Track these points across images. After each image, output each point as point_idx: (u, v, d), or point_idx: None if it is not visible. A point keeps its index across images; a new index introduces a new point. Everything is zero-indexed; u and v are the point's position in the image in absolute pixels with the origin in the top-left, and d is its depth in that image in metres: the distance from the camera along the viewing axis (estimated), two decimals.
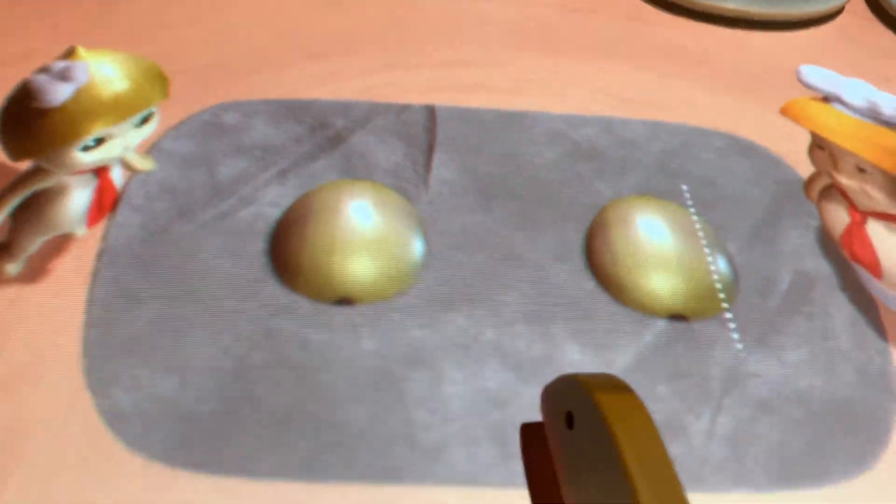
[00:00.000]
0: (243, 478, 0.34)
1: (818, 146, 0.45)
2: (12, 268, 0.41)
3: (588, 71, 0.60)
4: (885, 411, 0.39)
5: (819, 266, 0.47)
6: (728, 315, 0.43)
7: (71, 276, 0.41)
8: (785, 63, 0.61)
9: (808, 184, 0.50)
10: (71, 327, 0.39)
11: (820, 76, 0.44)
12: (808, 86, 0.44)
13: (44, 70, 0.38)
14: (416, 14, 0.64)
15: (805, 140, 0.48)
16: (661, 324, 0.42)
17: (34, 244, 0.42)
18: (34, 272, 0.41)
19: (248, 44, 0.59)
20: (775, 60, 0.64)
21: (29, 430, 0.35)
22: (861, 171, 0.42)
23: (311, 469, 0.34)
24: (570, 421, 0.22)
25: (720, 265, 0.45)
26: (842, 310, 0.44)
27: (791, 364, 0.41)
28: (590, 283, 0.43)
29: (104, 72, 0.39)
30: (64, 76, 0.37)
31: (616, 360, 0.40)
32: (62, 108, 0.37)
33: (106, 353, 0.38)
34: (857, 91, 0.43)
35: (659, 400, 0.38)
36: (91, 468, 0.34)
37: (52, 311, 0.39)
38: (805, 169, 0.50)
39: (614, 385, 0.22)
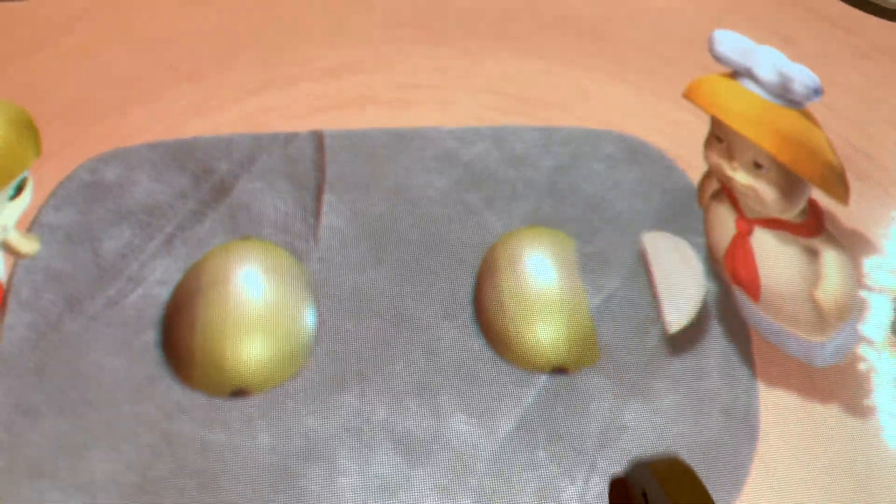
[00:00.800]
0: None
1: (717, 137, 0.46)
2: None
3: (474, 64, 0.57)
4: (744, 453, 0.43)
5: None
6: (606, 362, 0.46)
7: None
8: (677, 30, 0.60)
9: (701, 191, 0.50)
10: None
11: (732, 43, 0.43)
12: (719, 58, 0.43)
13: None
14: (289, 7, 0.60)
15: (699, 133, 0.48)
16: (544, 379, 0.44)
17: None
18: None
19: (109, 69, 0.55)
20: (669, 27, 0.62)
21: None
22: (757, 166, 0.43)
23: None
24: (645, 498, 0.25)
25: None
26: (715, 345, 0.46)
27: (662, 411, 0.44)
28: (476, 342, 0.45)
29: None
30: None
31: (500, 427, 0.43)
32: None
33: (15, 478, 0.40)
34: (771, 59, 0.42)
35: (538, 467, 0.42)
36: None
37: None
38: (696, 173, 0.51)
39: (676, 468, 0.26)
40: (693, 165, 0.53)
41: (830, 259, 0.45)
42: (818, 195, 0.45)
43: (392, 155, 0.52)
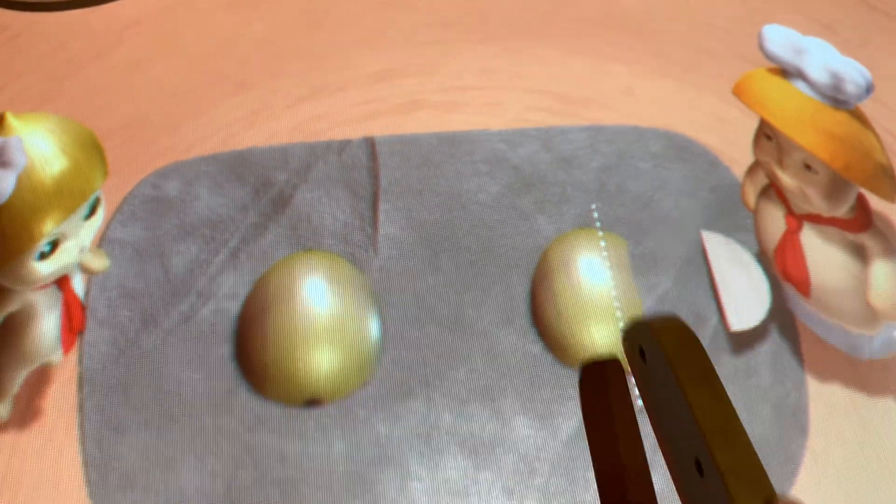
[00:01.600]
0: None
1: (766, 136, 0.46)
2: (2, 409, 0.44)
3: (519, 64, 0.58)
4: (795, 448, 0.45)
5: None
6: None
7: (58, 412, 0.44)
8: (717, 21, 0.59)
9: (744, 188, 0.51)
10: (71, 468, 0.43)
11: (782, 40, 0.43)
12: (769, 56, 0.43)
13: None
14: (334, 13, 0.60)
15: (745, 131, 0.48)
16: None
17: (17, 380, 0.44)
18: (23, 415, 0.44)
19: (161, 82, 0.56)
20: (709, 19, 0.62)
21: None
22: (807, 168, 0.43)
23: None
24: (643, 355, 0.27)
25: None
26: (765, 342, 0.48)
27: None
28: (535, 346, 0.47)
29: (40, 149, 0.38)
30: (2, 161, 0.38)
31: (561, 428, 0.45)
32: (8, 210, 0.37)
33: (109, 491, 0.42)
34: (821, 58, 0.42)
35: None
36: None
37: (51, 456, 0.43)
38: (741, 168, 0.52)
39: (675, 327, 0.27)
40: (739, 162, 0.54)
41: (880, 260, 0.46)
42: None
43: (443, 159, 0.54)
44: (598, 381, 0.29)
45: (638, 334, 0.27)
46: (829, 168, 0.43)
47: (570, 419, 0.45)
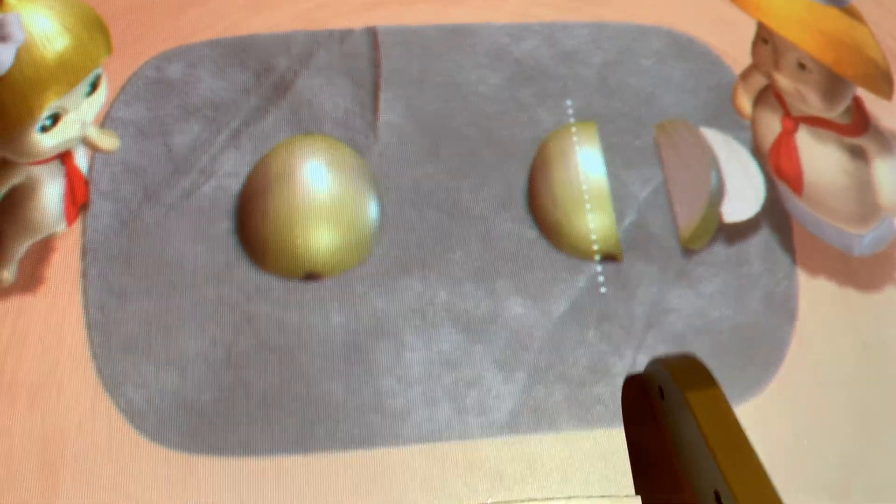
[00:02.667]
0: (247, 457, 0.42)
1: (763, 39, 0.47)
2: (7, 273, 0.45)
3: None
4: (783, 334, 0.46)
5: None
6: (653, 250, 0.48)
7: (62, 279, 0.45)
8: None
9: (736, 92, 0.51)
10: (75, 331, 0.44)
11: None
12: None
13: None
14: None
15: (746, 32, 0.49)
16: (595, 267, 0.47)
17: (21, 248, 0.45)
18: (28, 280, 0.45)
19: None
20: None
21: (64, 436, 0.42)
22: (802, 67, 0.44)
23: (301, 443, 0.42)
24: (661, 393, 0.28)
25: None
26: (758, 234, 0.48)
27: (706, 296, 0.47)
28: (531, 232, 0.48)
29: (41, 26, 0.39)
30: (0, 35, 0.38)
31: (553, 310, 0.46)
32: (7, 82, 0.38)
33: (112, 353, 0.43)
34: None
35: (588, 345, 0.45)
36: (123, 463, 0.41)
37: (55, 318, 0.44)
38: (740, 68, 0.52)
39: (691, 365, 0.28)
40: (740, 62, 0.54)
41: (881, 160, 0.46)
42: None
43: (445, 51, 0.54)
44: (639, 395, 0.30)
45: (657, 374, 0.28)
46: (821, 64, 0.43)
47: (561, 301, 0.46)
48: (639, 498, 0.32)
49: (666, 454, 0.29)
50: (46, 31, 0.39)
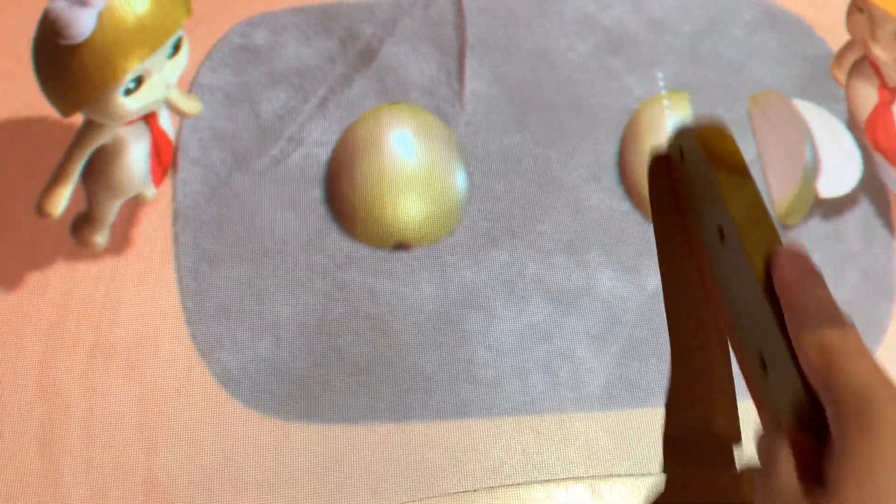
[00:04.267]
0: (341, 423, 0.42)
1: (858, 8, 0.45)
2: (100, 238, 0.46)
3: None
4: (882, 311, 0.45)
5: None
6: None
7: (154, 243, 0.45)
8: None
9: (837, 59, 0.50)
10: (168, 296, 0.44)
11: None
12: None
13: None
14: None
15: (839, 2, 0.47)
16: None
17: (111, 210, 0.46)
18: (120, 245, 0.45)
19: None
20: None
21: (161, 400, 0.42)
22: None
23: (394, 411, 0.42)
24: (681, 153, 0.29)
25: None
26: (855, 209, 0.47)
27: None
28: (623, 204, 0.47)
29: None
30: (81, 0, 0.38)
31: (647, 284, 0.45)
32: (90, 46, 0.38)
33: (205, 318, 0.44)
34: None
35: None
36: (220, 428, 0.41)
37: (148, 283, 0.44)
38: (835, 39, 0.50)
39: (714, 128, 0.28)
40: (832, 32, 0.52)
41: None
42: None
43: (531, 18, 0.53)
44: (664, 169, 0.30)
45: (681, 137, 0.28)
46: None
47: (655, 275, 0.46)
48: (663, 475, 0.33)
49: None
50: None
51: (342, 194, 0.47)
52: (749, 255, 0.24)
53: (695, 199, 0.27)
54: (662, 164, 0.30)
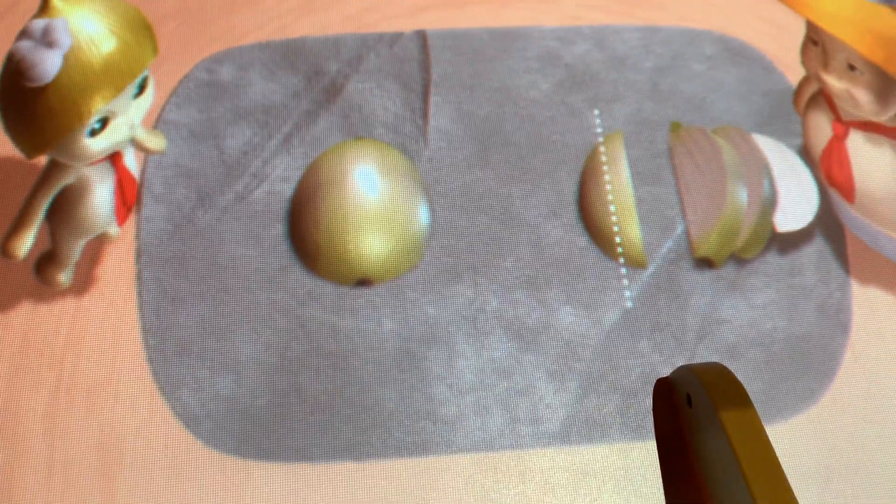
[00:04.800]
0: (302, 462, 0.42)
1: (812, 41, 0.46)
2: (63, 277, 0.46)
3: None
4: (837, 346, 0.45)
5: None
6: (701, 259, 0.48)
7: (117, 281, 0.46)
8: None
9: (798, 93, 0.51)
10: (131, 334, 0.44)
11: None
12: None
13: (24, 34, 0.39)
14: None
15: (800, 37, 0.48)
16: (647, 275, 0.47)
17: (75, 249, 0.46)
18: (84, 283, 0.45)
19: None
20: None
21: (122, 441, 0.42)
22: (852, 69, 0.44)
23: (355, 449, 0.42)
24: (689, 400, 0.27)
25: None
26: (811, 244, 0.48)
27: (759, 306, 0.46)
28: (582, 240, 0.47)
29: (87, 30, 0.39)
30: (47, 41, 0.39)
31: (604, 319, 0.46)
32: (56, 87, 0.39)
33: (167, 357, 0.44)
34: None
35: (640, 355, 0.45)
36: (180, 468, 0.42)
37: (111, 321, 0.45)
38: (795, 74, 0.51)
39: (720, 374, 0.27)
40: (792, 67, 0.53)
41: None
42: None
43: (495, 55, 0.53)
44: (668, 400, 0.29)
45: (685, 382, 0.27)
46: (872, 64, 0.42)
47: (613, 310, 0.46)
48: None
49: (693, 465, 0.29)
50: (93, 36, 0.39)
51: (305, 230, 0.47)
52: None
53: (710, 464, 0.25)
54: (667, 394, 0.29)
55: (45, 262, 0.46)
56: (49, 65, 0.38)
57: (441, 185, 0.49)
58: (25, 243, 0.43)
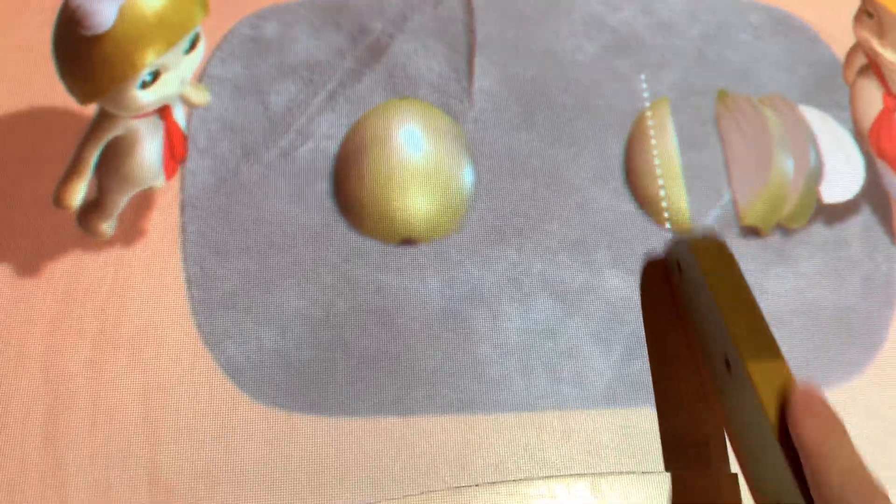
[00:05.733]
0: (345, 416, 0.42)
1: (867, 13, 0.46)
2: (107, 227, 0.46)
3: None
4: (882, 318, 0.45)
5: None
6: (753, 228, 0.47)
7: (161, 233, 0.45)
8: None
9: (847, 66, 0.50)
10: (174, 285, 0.44)
11: None
12: None
13: None
14: None
15: (846, 9, 0.48)
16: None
17: (121, 201, 0.46)
18: (128, 234, 0.45)
19: None
20: None
21: (166, 390, 0.42)
22: None
23: (400, 405, 0.42)
24: (679, 268, 0.28)
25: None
26: (857, 215, 0.48)
27: (804, 276, 0.46)
28: (628, 206, 0.47)
29: None
30: None
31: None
32: (110, 38, 0.39)
33: (211, 309, 0.44)
34: None
35: None
36: (223, 418, 0.41)
37: (154, 272, 0.44)
38: (841, 47, 0.51)
39: (711, 242, 0.28)
40: (838, 39, 0.53)
41: None
42: None
43: (540, 18, 0.53)
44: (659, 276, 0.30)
45: (678, 249, 0.28)
46: None
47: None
48: (666, 474, 0.33)
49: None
50: None
51: (350, 188, 0.47)
52: (760, 397, 0.22)
53: (697, 318, 0.26)
54: (658, 270, 0.30)
55: (89, 211, 0.46)
56: (105, 14, 0.38)
57: (486, 147, 0.49)
58: (78, 192, 0.43)
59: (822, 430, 0.20)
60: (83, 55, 0.38)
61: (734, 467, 0.37)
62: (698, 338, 0.27)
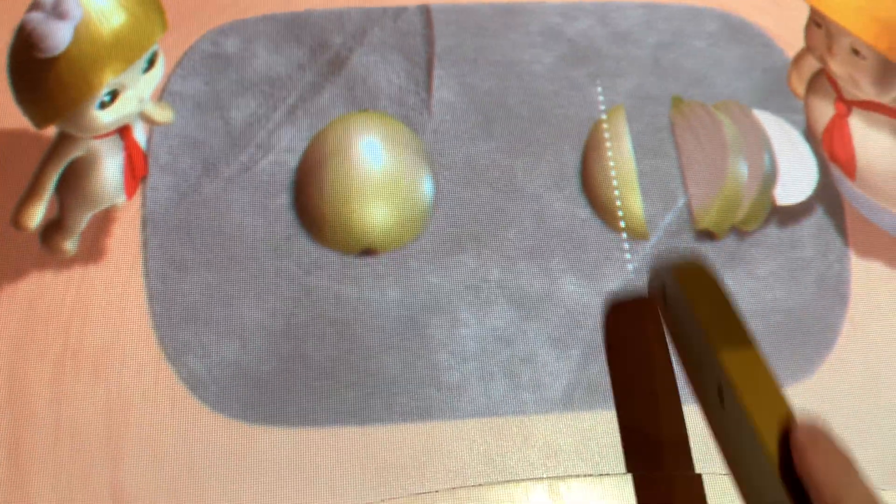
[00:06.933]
0: (306, 426, 0.42)
1: (816, 23, 0.47)
2: (70, 245, 0.46)
3: None
4: (835, 316, 0.46)
5: None
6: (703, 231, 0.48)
7: (123, 249, 0.46)
8: None
9: (794, 66, 0.51)
10: (136, 301, 0.45)
11: None
12: None
13: (35, 6, 0.39)
14: None
15: (800, 15, 0.48)
16: (646, 247, 0.47)
17: (83, 220, 0.46)
18: (90, 251, 0.46)
19: None
20: None
21: (128, 406, 0.42)
22: (855, 53, 0.44)
23: (358, 414, 0.43)
24: (664, 293, 0.28)
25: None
26: (811, 217, 0.48)
27: (759, 278, 0.47)
28: (584, 211, 0.48)
29: (97, 3, 0.40)
30: (58, 12, 0.39)
31: (607, 289, 0.46)
32: (66, 59, 0.39)
33: (173, 323, 0.44)
34: None
35: None
36: (185, 432, 0.42)
37: (117, 288, 0.45)
38: (794, 51, 0.52)
39: (693, 265, 0.28)
40: (793, 45, 0.54)
41: None
42: None
43: (498, 29, 0.54)
44: (627, 315, 0.29)
45: (662, 276, 0.28)
46: (876, 51, 0.43)
47: (615, 280, 0.47)
48: (623, 475, 0.34)
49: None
50: (103, 8, 0.39)
51: (310, 200, 0.47)
52: (760, 433, 0.21)
53: (686, 346, 0.25)
54: (629, 308, 0.30)
55: (52, 230, 0.46)
56: (60, 36, 0.38)
57: (445, 157, 0.49)
58: (36, 215, 0.43)
59: (831, 468, 0.19)
60: (39, 78, 0.39)
61: (699, 468, 0.38)
62: (690, 372, 0.27)
